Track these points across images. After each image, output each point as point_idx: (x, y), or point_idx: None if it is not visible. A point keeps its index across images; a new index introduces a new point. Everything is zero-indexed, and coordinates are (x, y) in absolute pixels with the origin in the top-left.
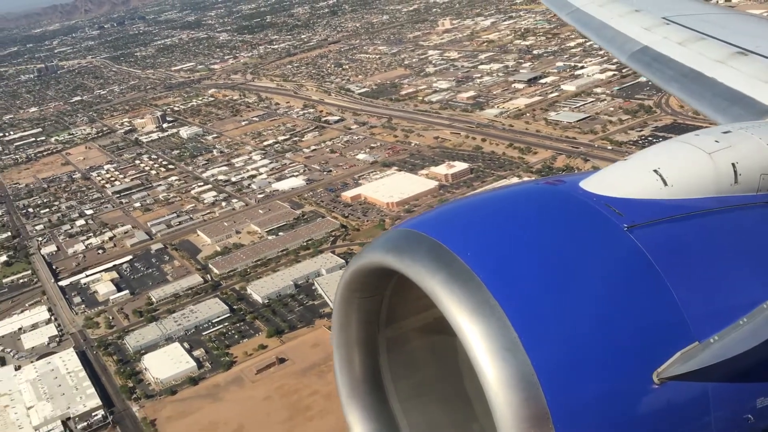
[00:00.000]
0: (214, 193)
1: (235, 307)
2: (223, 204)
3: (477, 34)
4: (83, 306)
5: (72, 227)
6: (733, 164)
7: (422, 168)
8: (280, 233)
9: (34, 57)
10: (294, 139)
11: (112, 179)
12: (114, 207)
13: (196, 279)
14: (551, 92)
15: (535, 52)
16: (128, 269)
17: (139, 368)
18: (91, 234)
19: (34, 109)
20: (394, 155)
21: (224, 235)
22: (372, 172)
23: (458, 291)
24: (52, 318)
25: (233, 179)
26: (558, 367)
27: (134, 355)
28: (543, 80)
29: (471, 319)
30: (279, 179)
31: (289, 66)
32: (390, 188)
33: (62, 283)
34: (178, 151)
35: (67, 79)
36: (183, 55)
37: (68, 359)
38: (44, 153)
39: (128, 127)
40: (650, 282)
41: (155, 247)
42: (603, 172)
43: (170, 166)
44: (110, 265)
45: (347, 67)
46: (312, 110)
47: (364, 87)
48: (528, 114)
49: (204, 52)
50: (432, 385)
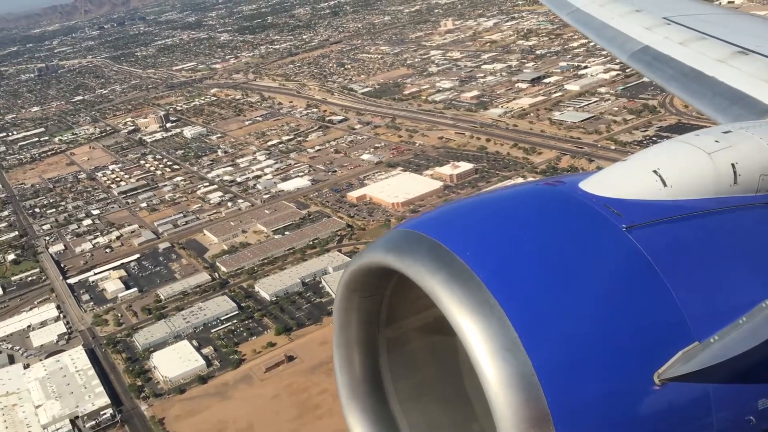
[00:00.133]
0: (219, 194)
1: (243, 304)
2: (229, 204)
3: (479, 35)
4: (92, 303)
5: (79, 227)
6: (732, 164)
7: (427, 168)
8: (287, 233)
9: (34, 57)
10: (298, 139)
11: (118, 179)
12: (120, 207)
13: (204, 277)
14: (555, 92)
15: (538, 52)
16: (136, 267)
17: (148, 366)
18: (98, 233)
19: (36, 108)
20: (398, 155)
21: (231, 234)
22: (377, 172)
23: (458, 291)
24: (61, 315)
25: (238, 179)
26: (558, 367)
27: (143, 353)
28: (546, 80)
29: (471, 319)
30: (284, 179)
31: (291, 66)
32: (395, 188)
33: (70, 281)
34: (182, 151)
35: (68, 78)
36: (184, 55)
37: (77, 357)
38: (48, 153)
39: (131, 127)
40: (649, 282)
41: (162, 246)
42: (602, 173)
43: (175, 167)
44: (118, 263)
45: (349, 66)
46: (315, 110)
47: (367, 87)
48: (532, 114)
49: (205, 52)
50: (432, 385)
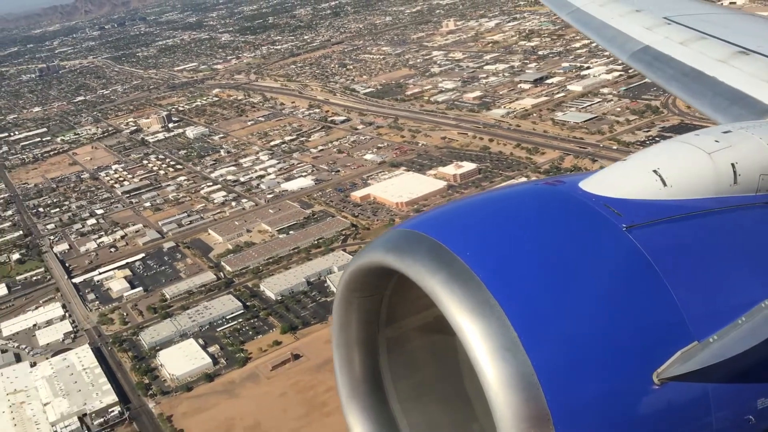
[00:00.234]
0: (223, 193)
1: (248, 303)
2: (233, 204)
3: (481, 36)
4: (97, 303)
5: (83, 226)
6: (732, 164)
7: (430, 168)
8: (291, 232)
9: (34, 57)
10: (301, 139)
11: (121, 179)
12: (124, 207)
13: (209, 276)
14: (557, 92)
15: (541, 52)
16: (141, 267)
17: (155, 364)
18: (103, 233)
19: (37, 108)
20: (401, 155)
21: (235, 234)
22: (380, 172)
23: (458, 291)
24: (67, 314)
25: (242, 179)
26: (558, 367)
27: (149, 352)
28: (549, 80)
29: (471, 319)
30: (287, 179)
31: (293, 66)
32: (399, 188)
33: (76, 280)
34: (185, 152)
35: (69, 78)
36: (185, 56)
37: (83, 355)
38: (51, 153)
39: (134, 127)
40: (649, 282)
41: (167, 245)
42: (602, 173)
43: (178, 167)
44: (123, 262)
45: (351, 67)
46: (317, 110)
47: (369, 87)
48: (535, 114)
49: (206, 53)
50: (432, 385)
